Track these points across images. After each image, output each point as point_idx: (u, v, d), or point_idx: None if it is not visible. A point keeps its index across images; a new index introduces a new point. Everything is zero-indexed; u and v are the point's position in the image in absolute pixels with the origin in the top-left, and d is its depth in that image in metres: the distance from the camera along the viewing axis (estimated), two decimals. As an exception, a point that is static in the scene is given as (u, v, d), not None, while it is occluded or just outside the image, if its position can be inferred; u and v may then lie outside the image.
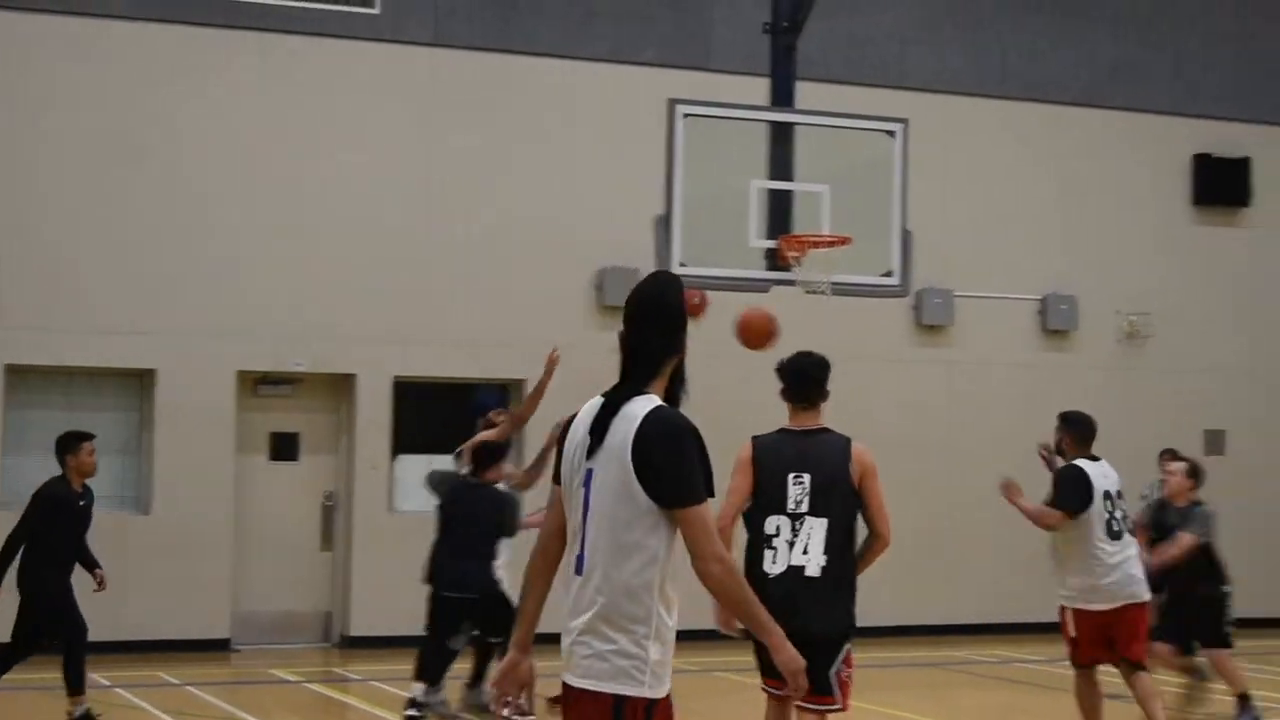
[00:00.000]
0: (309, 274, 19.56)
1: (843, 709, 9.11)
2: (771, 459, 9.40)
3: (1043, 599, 17.65)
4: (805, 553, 9.05)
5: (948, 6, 22.48)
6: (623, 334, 5.85)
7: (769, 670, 8.79)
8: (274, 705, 15.72)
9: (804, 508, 9.14)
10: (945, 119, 21.74)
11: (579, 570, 5.68)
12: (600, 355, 20.10)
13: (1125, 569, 11.82)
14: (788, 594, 8.86)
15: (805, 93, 16.73)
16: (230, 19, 19.43)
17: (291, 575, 19.85)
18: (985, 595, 21.71)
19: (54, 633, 13.38)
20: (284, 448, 19.90)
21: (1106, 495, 11.86)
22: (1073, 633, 11.97)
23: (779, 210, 15.21)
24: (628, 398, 5.70)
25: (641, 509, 5.58)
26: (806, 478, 9.22)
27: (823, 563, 9.04)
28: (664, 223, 14.81)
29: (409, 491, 20.11)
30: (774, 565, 9.08)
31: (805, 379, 9.94)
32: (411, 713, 13.71)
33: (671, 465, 5.57)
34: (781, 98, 15.87)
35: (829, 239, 15.02)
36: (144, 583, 18.46)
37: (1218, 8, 23.88)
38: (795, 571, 9.03)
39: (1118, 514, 11.89)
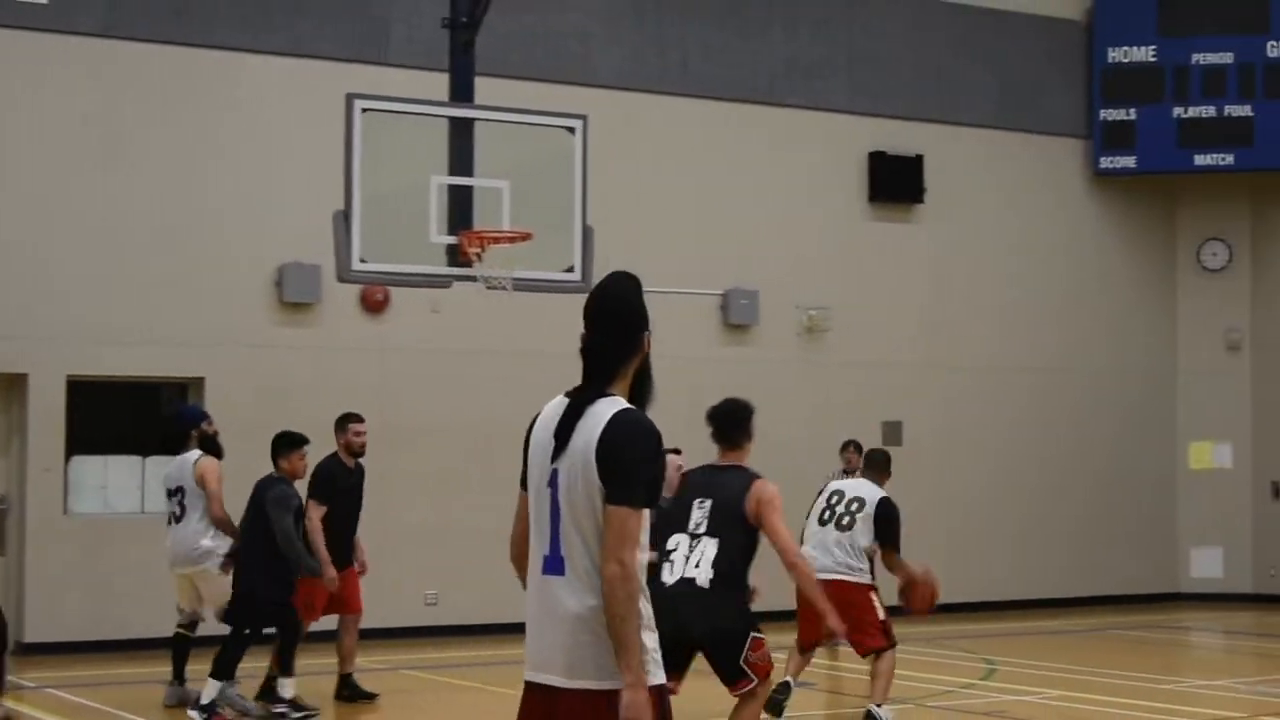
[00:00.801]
0: (-22, 271, 19.03)
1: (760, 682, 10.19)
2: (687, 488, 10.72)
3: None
4: (697, 566, 10.19)
5: (629, 4, 22.63)
6: (584, 336, 5.89)
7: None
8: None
9: (702, 529, 10.36)
10: (627, 116, 21.93)
11: (555, 570, 5.68)
12: (282, 352, 20.11)
13: None
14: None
15: (487, 89, 16.73)
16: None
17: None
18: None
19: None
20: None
21: None
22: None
23: (460, 206, 15.17)
24: (592, 400, 5.73)
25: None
26: (709, 503, 10.48)
27: (710, 575, 10.16)
28: (344, 218, 14.69)
29: (85, 494, 19.69)
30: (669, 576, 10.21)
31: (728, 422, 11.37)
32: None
33: (626, 465, 5.59)
34: (461, 93, 15.83)
35: (510, 235, 15.04)
36: None
37: (889, 9, 24.42)
38: (687, 582, 10.15)
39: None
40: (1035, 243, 25.28)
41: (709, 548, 10.23)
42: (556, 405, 5.85)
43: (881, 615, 13.47)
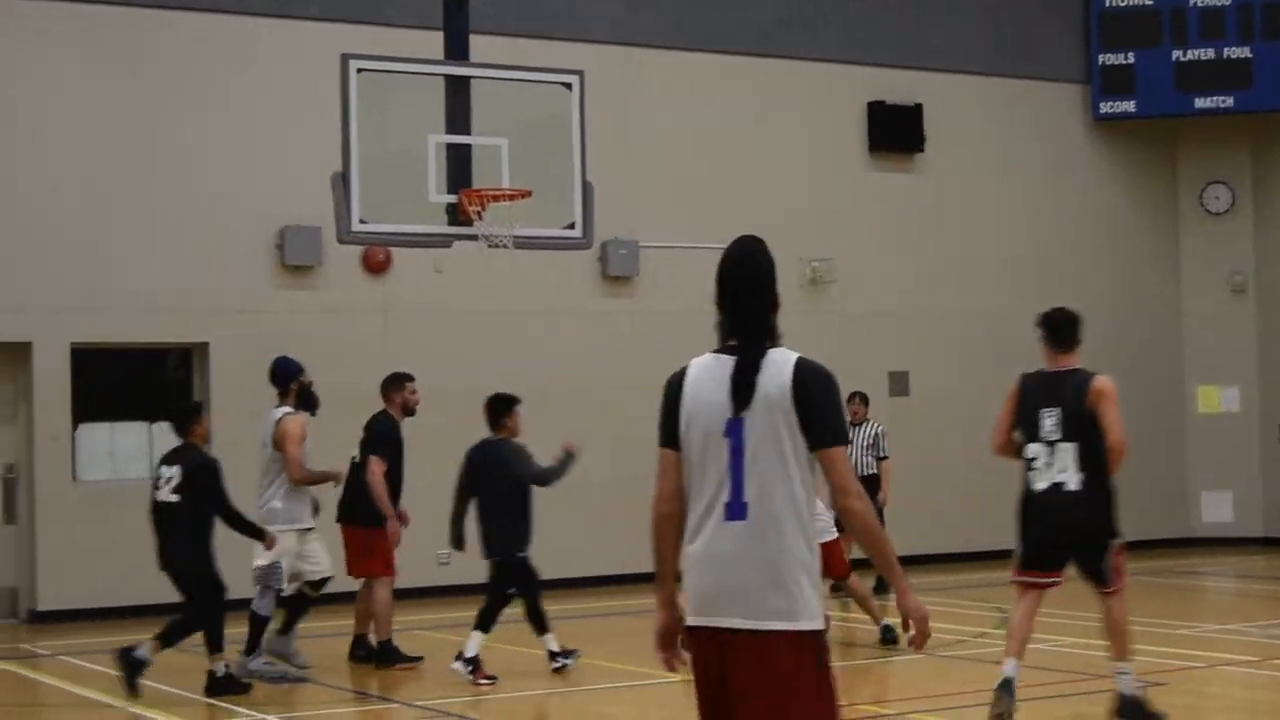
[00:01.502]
0: (-21, 241, 19.03)
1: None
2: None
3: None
4: (1063, 471, 10.94)
5: (624, -41, 22.57)
6: (723, 297, 6.23)
7: (1027, 564, 11.19)
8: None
9: (1056, 436, 10.99)
10: (623, 71, 21.88)
11: (738, 515, 5.91)
12: (284, 314, 20.08)
13: None
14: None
15: (482, 47, 16.63)
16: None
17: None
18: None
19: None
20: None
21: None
22: None
23: (459, 165, 15.12)
24: (761, 353, 6.06)
25: (800, 452, 5.94)
26: (1056, 411, 11.01)
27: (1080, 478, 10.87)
28: (342, 180, 14.66)
29: (93, 461, 19.72)
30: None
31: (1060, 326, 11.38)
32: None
33: (827, 408, 6.00)
34: (457, 51, 15.74)
35: (509, 193, 15.01)
36: None
37: (888, -43, 24.35)
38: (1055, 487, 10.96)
39: None
40: (1036, 190, 25.23)
41: (1068, 453, 10.90)
42: (714, 363, 6.13)
43: None
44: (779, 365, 6.01)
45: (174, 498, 13.71)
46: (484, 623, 14.00)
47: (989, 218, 24.80)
